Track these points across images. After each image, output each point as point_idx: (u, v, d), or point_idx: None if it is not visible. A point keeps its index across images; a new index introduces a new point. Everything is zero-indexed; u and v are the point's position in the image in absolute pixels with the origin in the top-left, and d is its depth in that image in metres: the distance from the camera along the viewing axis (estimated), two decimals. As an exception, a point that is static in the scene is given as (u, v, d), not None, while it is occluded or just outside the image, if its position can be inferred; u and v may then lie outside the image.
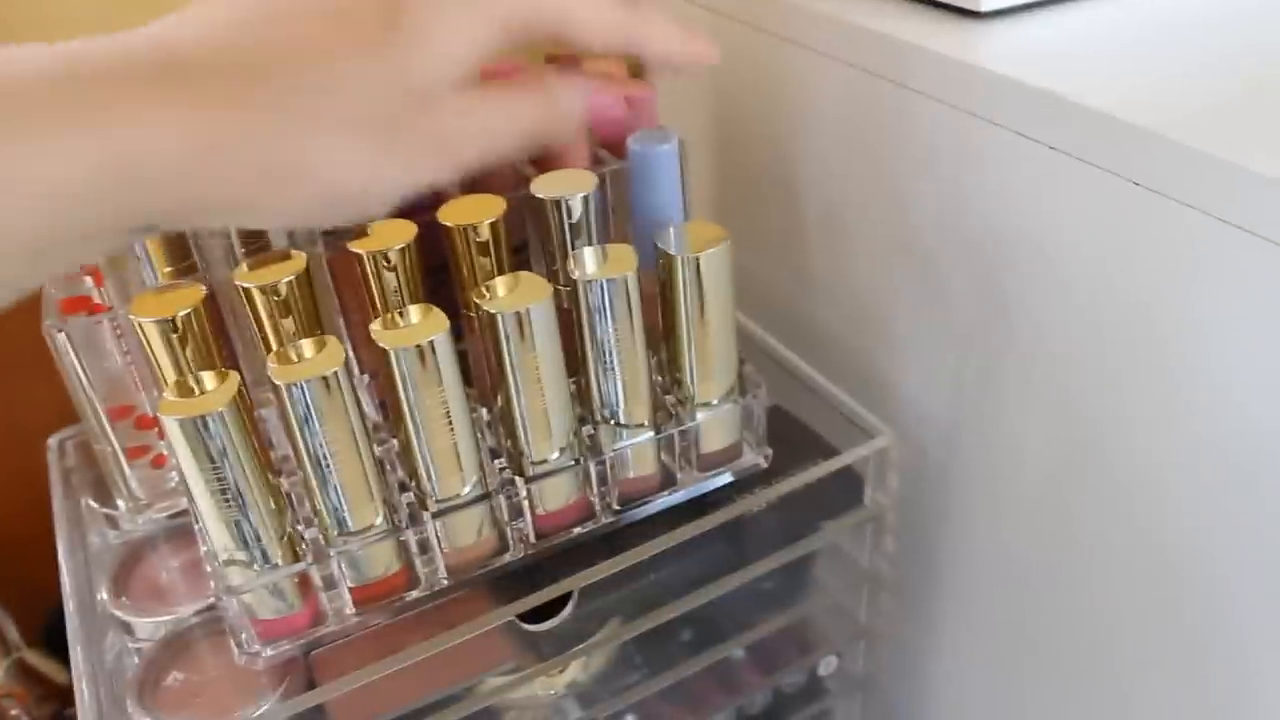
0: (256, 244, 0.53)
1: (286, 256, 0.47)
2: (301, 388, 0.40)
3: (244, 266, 0.46)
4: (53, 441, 0.61)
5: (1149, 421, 0.45)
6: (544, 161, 0.53)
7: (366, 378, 0.52)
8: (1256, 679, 0.45)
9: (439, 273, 0.49)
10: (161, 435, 0.53)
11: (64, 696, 0.76)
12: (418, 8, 0.30)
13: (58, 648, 0.74)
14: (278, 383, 0.40)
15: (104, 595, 0.52)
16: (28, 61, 0.26)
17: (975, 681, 0.65)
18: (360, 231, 0.47)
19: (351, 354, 0.53)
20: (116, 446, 0.52)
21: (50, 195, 0.25)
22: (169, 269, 0.51)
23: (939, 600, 0.64)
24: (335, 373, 0.40)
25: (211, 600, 0.51)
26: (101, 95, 0.26)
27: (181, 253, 0.51)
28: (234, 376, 0.41)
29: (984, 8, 0.51)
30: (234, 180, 0.28)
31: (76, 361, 0.49)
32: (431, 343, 0.41)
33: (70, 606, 0.51)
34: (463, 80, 0.31)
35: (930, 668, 0.68)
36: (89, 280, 0.51)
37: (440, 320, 0.42)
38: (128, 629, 0.51)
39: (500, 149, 0.34)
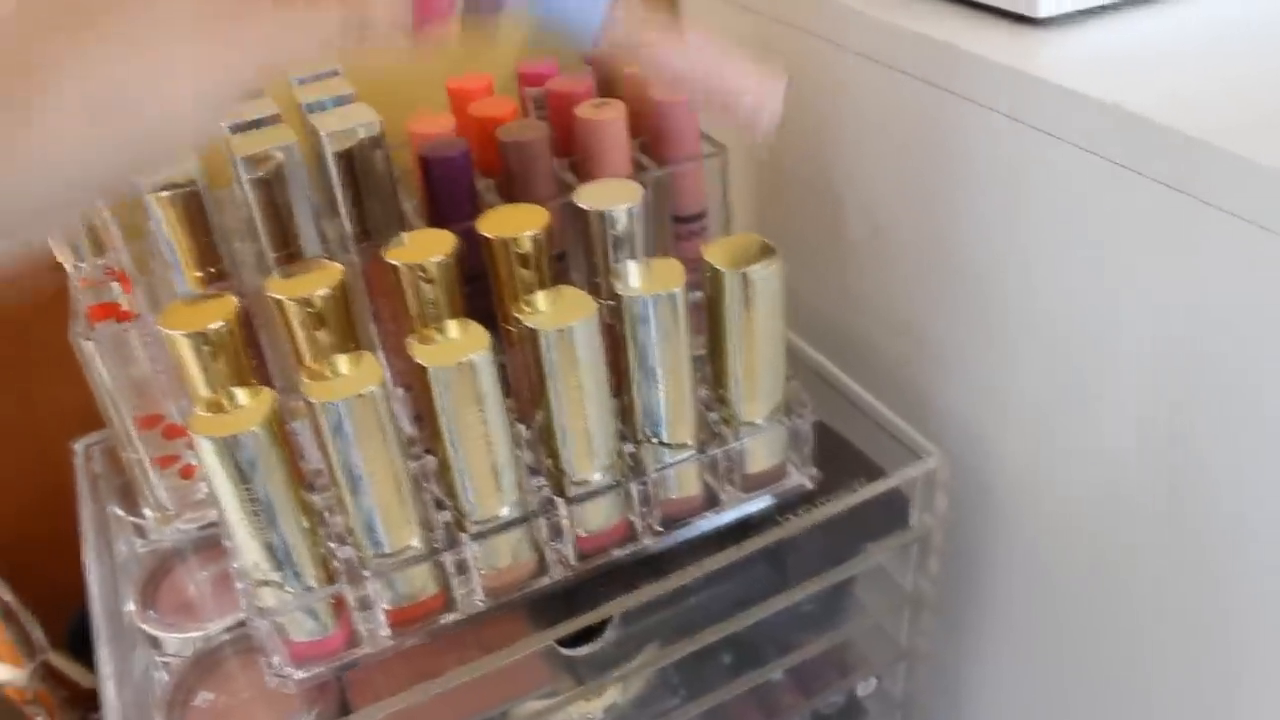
0: (288, 250, 0.51)
1: (319, 265, 0.45)
2: (338, 407, 0.39)
3: (277, 276, 0.44)
4: (79, 446, 0.60)
5: (1214, 448, 0.44)
6: (585, 169, 0.51)
7: (401, 390, 0.50)
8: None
9: (475, 281, 0.48)
10: (191, 445, 0.52)
11: (88, 701, 0.75)
12: None
13: (82, 651, 0.74)
14: (313, 401, 0.39)
15: (131, 606, 0.51)
16: None
17: (1016, 703, 0.63)
18: (396, 241, 0.46)
19: (385, 365, 0.51)
20: (144, 456, 0.51)
21: None
22: (198, 274, 0.49)
23: (979, 621, 0.63)
24: (373, 391, 0.39)
25: (241, 617, 0.50)
26: None
27: (211, 258, 0.49)
28: (269, 393, 0.39)
29: (1042, 14, 0.49)
30: None
31: (104, 371, 0.48)
32: (472, 361, 0.40)
33: (97, 615, 0.50)
34: None
35: (970, 688, 0.67)
36: (116, 286, 0.50)
37: (481, 337, 0.40)
38: (156, 644, 0.50)
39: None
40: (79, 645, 0.74)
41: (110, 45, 0.27)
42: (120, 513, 0.55)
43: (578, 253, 0.50)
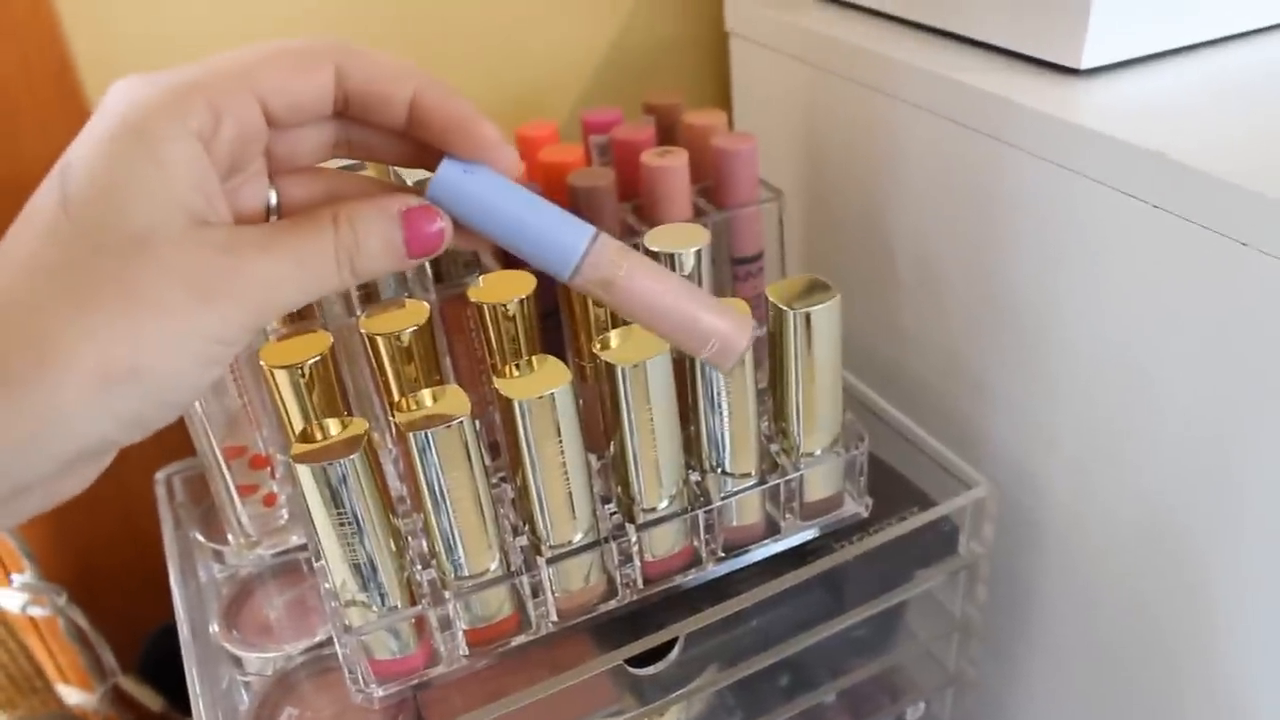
0: (366, 290, 0.54)
1: (406, 304, 0.48)
2: (428, 437, 0.41)
3: (367, 314, 0.47)
4: (160, 476, 0.63)
5: (1256, 484, 0.45)
6: (648, 213, 0.54)
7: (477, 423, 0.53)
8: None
9: (547, 318, 0.51)
10: (273, 475, 0.55)
11: (157, 723, 0.77)
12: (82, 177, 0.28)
13: (151, 675, 0.76)
14: (406, 432, 0.41)
15: (214, 628, 0.54)
16: None
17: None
18: (474, 281, 0.48)
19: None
20: (231, 485, 0.54)
21: None
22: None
23: (1025, 650, 0.64)
24: (462, 423, 0.41)
25: (316, 640, 0.52)
26: None
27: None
28: (362, 423, 0.42)
29: (1085, 65, 0.52)
30: None
31: (199, 402, 0.51)
32: (553, 395, 0.42)
33: (185, 637, 0.53)
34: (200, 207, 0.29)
35: (1014, 715, 0.68)
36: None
37: (562, 372, 0.43)
38: (238, 663, 0.52)
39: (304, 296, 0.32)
40: (148, 669, 0.77)
41: (110, 315, 0.27)
42: (201, 539, 0.58)
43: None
